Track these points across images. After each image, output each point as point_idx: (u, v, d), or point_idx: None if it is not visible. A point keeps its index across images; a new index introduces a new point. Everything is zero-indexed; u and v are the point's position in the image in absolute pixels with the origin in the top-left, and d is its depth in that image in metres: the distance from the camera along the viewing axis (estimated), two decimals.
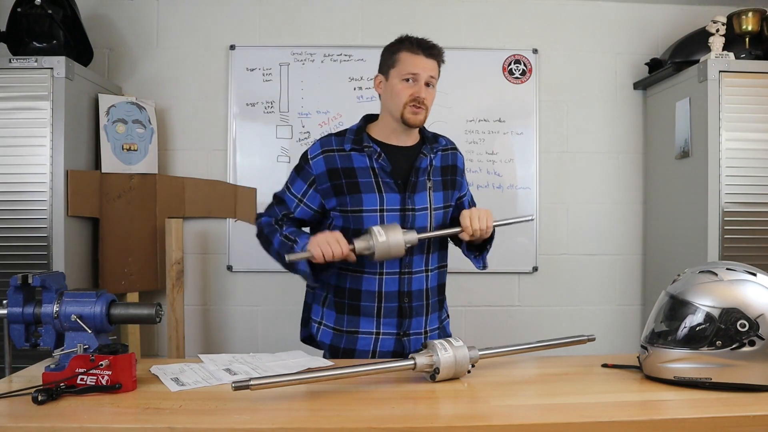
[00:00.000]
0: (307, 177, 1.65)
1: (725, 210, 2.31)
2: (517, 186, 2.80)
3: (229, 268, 2.75)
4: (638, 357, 1.32)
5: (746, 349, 1.17)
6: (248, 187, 2.73)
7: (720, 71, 2.31)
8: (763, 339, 1.16)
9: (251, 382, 1.09)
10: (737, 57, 2.36)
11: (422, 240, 1.58)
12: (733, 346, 1.17)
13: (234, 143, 2.75)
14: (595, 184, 2.86)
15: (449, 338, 1.29)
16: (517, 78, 2.81)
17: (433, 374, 1.25)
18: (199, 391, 1.21)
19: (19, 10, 2.30)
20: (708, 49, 2.38)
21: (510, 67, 2.80)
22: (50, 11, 2.30)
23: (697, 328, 1.21)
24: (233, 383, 1.09)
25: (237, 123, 2.75)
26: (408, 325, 1.63)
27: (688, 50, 2.55)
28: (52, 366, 1.21)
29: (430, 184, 1.64)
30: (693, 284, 1.25)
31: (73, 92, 2.30)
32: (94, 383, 1.16)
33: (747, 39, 2.43)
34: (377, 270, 1.61)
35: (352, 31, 2.78)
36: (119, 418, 1.05)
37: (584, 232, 2.85)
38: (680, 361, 1.21)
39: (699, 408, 1.12)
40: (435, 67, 1.63)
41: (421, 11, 2.80)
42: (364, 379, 1.25)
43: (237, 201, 2.72)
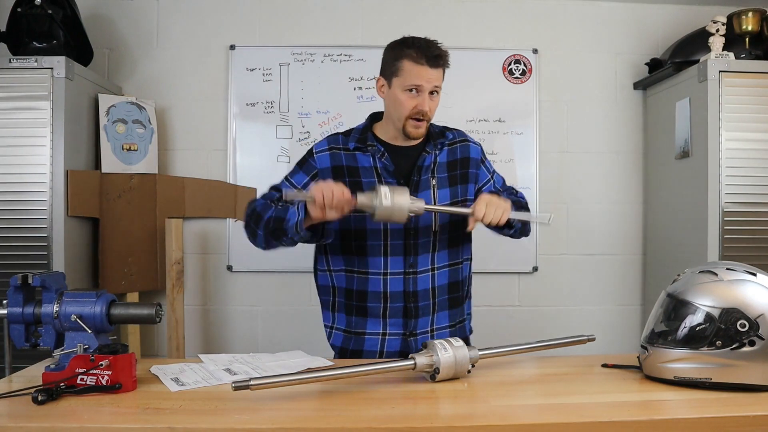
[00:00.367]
0: (309, 170, 1.63)
1: (725, 210, 2.31)
2: (517, 186, 2.74)
3: (229, 268, 2.75)
4: (638, 357, 1.32)
5: (746, 349, 1.17)
6: (248, 187, 2.73)
7: (720, 71, 2.31)
8: (763, 339, 1.16)
9: (251, 382, 1.09)
10: (737, 57, 2.36)
11: (428, 211, 1.53)
12: (733, 346, 1.17)
13: (234, 143, 2.75)
14: (595, 184, 2.86)
15: (449, 338, 1.29)
16: (517, 78, 2.81)
17: (433, 374, 1.25)
18: (199, 391, 1.21)
19: (19, 10, 2.30)
20: (708, 49, 2.38)
21: (510, 67, 2.80)
22: (50, 11, 2.30)
23: (697, 328, 1.21)
24: (233, 383, 1.09)
25: (237, 123, 2.75)
26: (414, 325, 1.62)
27: (688, 50, 2.55)
28: (52, 366, 1.20)
29: (434, 182, 1.62)
30: (693, 284, 1.25)
31: (73, 92, 2.30)
32: (94, 383, 1.16)
33: (747, 39, 2.43)
34: (381, 270, 1.60)
35: (352, 31, 2.78)
36: (119, 418, 1.05)
37: (584, 232, 2.85)
38: (680, 361, 1.21)
39: (699, 408, 1.12)
40: (440, 76, 1.56)
41: (421, 11, 2.80)
42: (364, 379, 1.25)
43: (237, 201, 2.72)
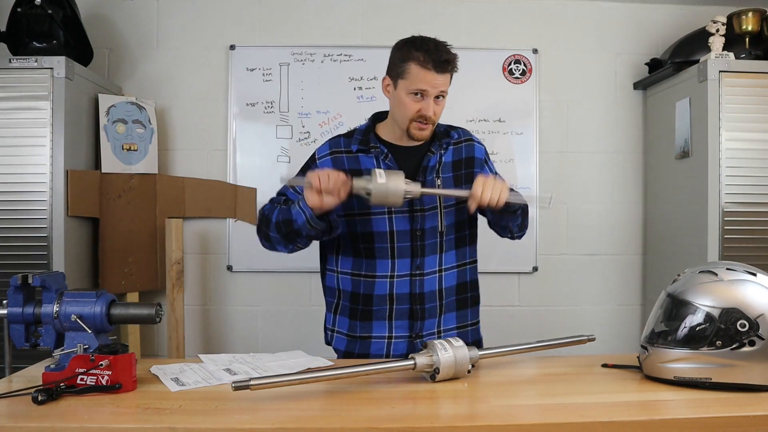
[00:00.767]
0: None
1: (725, 210, 2.31)
2: (517, 186, 2.78)
3: (229, 268, 2.75)
4: (638, 357, 1.32)
5: (746, 349, 1.17)
6: (248, 187, 2.73)
7: (720, 71, 2.31)
8: (763, 339, 1.16)
9: (251, 382, 1.08)
10: (737, 57, 2.36)
11: (425, 195, 1.52)
12: (733, 346, 1.17)
13: (234, 143, 2.75)
14: (595, 184, 2.86)
15: (449, 338, 1.29)
16: (517, 78, 2.81)
17: (433, 374, 1.25)
18: (199, 391, 1.21)
19: (19, 10, 2.30)
20: (708, 49, 2.38)
21: (510, 67, 2.80)
22: (50, 11, 2.30)
23: (697, 328, 1.21)
24: (233, 383, 1.09)
25: (237, 123, 2.75)
26: (420, 327, 1.61)
27: (688, 50, 2.55)
28: (52, 366, 1.20)
29: (439, 182, 1.60)
30: (693, 284, 1.25)
31: (73, 92, 2.30)
32: (94, 383, 1.16)
33: (747, 39, 2.43)
34: (388, 273, 1.59)
35: (352, 31, 2.78)
36: (119, 418, 1.05)
37: (584, 232, 2.85)
38: (680, 361, 1.21)
39: (699, 408, 1.11)
40: (447, 81, 1.55)
41: (421, 11, 2.80)
42: (364, 379, 1.25)
43: (237, 201, 2.72)
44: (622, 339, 2.81)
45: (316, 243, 1.68)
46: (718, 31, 2.38)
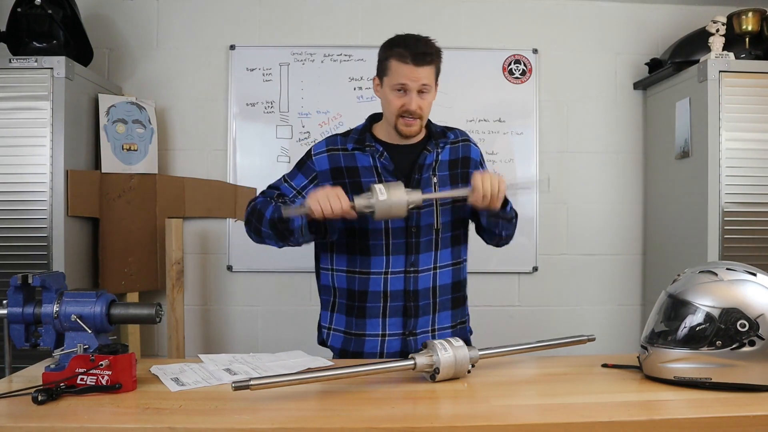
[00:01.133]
0: (309, 172, 1.63)
1: (725, 210, 2.31)
2: (517, 186, 2.80)
3: (229, 268, 2.75)
4: (638, 357, 1.32)
5: (746, 349, 1.17)
6: (248, 187, 2.73)
7: (720, 71, 2.31)
8: (763, 339, 1.16)
9: (251, 382, 1.08)
10: (737, 57, 2.36)
11: (427, 201, 1.52)
12: (733, 346, 1.17)
13: (234, 143, 2.75)
14: (595, 184, 2.86)
15: (449, 338, 1.29)
16: (517, 78, 2.81)
17: (433, 374, 1.25)
18: (199, 391, 1.21)
19: (19, 10, 2.30)
20: (708, 49, 2.38)
21: (510, 67, 2.80)
22: (50, 11, 2.30)
23: (697, 328, 1.21)
24: (233, 383, 1.09)
25: (237, 123, 2.75)
26: (414, 324, 1.61)
27: (688, 50, 2.55)
28: (52, 366, 1.20)
29: (435, 180, 1.61)
30: (693, 284, 1.25)
31: (73, 92, 2.30)
32: (94, 383, 1.16)
33: (747, 39, 2.43)
34: (383, 270, 1.60)
35: (352, 31, 2.78)
36: (119, 418, 1.05)
37: (584, 232, 2.85)
38: (680, 361, 1.21)
39: (699, 408, 1.11)
40: (428, 74, 1.54)
41: (421, 11, 2.80)
42: (364, 379, 1.25)
43: (237, 201, 2.72)
44: (622, 339, 2.81)
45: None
46: (718, 31, 2.38)
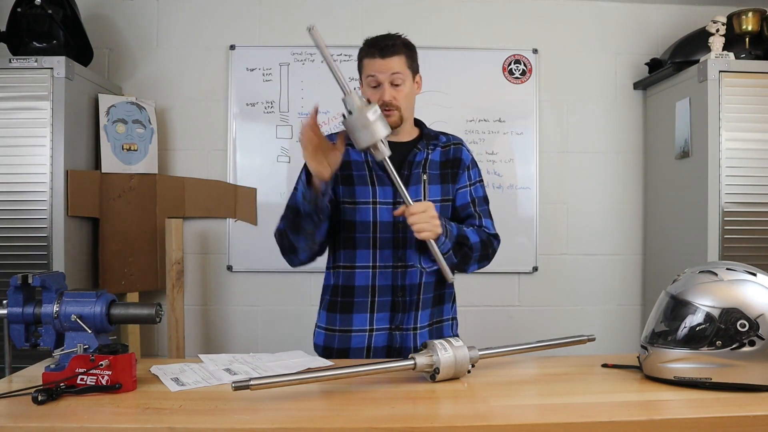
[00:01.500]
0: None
1: (725, 210, 2.31)
2: (517, 186, 2.80)
3: (229, 268, 2.75)
4: (638, 357, 1.32)
5: (746, 349, 1.17)
6: (248, 187, 2.73)
7: (720, 71, 2.31)
8: (763, 339, 1.16)
9: (251, 382, 1.08)
10: (737, 57, 2.36)
11: (384, 167, 1.47)
12: (733, 346, 1.17)
13: (234, 143, 2.75)
14: (595, 184, 2.86)
15: (449, 338, 1.29)
16: (517, 78, 2.81)
17: (433, 374, 1.25)
18: (199, 391, 1.21)
19: (19, 10, 2.30)
20: (708, 49, 2.38)
21: (510, 67, 2.80)
22: (50, 11, 2.30)
23: (697, 328, 1.21)
24: (233, 383, 1.09)
25: (237, 123, 2.75)
26: (400, 319, 1.62)
27: (688, 50, 2.55)
28: (52, 366, 1.20)
29: (425, 177, 1.63)
30: (693, 284, 1.25)
31: (73, 92, 2.30)
32: (94, 383, 1.16)
33: (747, 39, 2.43)
34: (370, 264, 1.61)
35: (352, 31, 2.78)
36: (119, 418, 1.05)
37: (584, 232, 2.85)
38: (680, 361, 1.21)
39: (699, 408, 1.11)
40: (399, 64, 1.58)
41: (421, 11, 2.80)
42: (364, 379, 1.25)
43: (237, 201, 2.72)
44: (622, 339, 2.81)
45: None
46: (718, 31, 2.38)
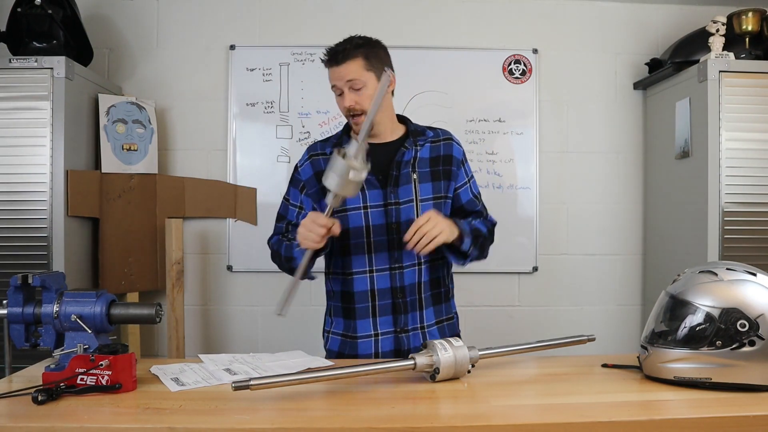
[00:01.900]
0: (297, 184, 1.70)
1: (725, 210, 2.31)
2: (517, 186, 2.80)
3: (229, 268, 2.75)
4: (638, 357, 1.32)
5: (746, 349, 1.17)
6: (248, 187, 2.73)
7: (720, 71, 2.31)
8: (763, 339, 1.16)
9: (251, 382, 1.09)
10: (737, 57, 2.36)
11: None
12: (733, 346, 1.17)
13: (234, 143, 2.75)
14: (595, 184, 2.86)
15: (449, 338, 1.29)
16: (517, 78, 2.81)
17: (433, 374, 1.25)
18: (199, 391, 1.21)
19: (19, 10, 2.30)
20: (708, 49, 2.38)
21: (510, 67, 2.80)
22: (50, 11, 2.30)
23: (697, 328, 1.21)
24: (233, 383, 1.09)
25: (237, 123, 2.75)
26: (405, 321, 1.62)
27: (688, 50, 2.55)
28: (52, 366, 1.20)
29: (415, 176, 1.63)
30: (693, 284, 1.25)
31: (73, 92, 2.30)
32: (94, 383, 1.16)
33: (747, 39, 2.43)
34: (366, 268, 1.61)
35: (352, 31, 2.72)
36: (119, 418, 1.05)
37: (584, 232, 2.85)
38: (680, 361, 1.21)
39: (699, 408, 1.11)
40: (354, 69, 1.57)
41: (420, 11, 2.80)
42: (364, 379, 1.25)
43: (237, 201, 2.72)
44: (622, 339, 2.81)
45: None
46: (718, 31, 2.38)
